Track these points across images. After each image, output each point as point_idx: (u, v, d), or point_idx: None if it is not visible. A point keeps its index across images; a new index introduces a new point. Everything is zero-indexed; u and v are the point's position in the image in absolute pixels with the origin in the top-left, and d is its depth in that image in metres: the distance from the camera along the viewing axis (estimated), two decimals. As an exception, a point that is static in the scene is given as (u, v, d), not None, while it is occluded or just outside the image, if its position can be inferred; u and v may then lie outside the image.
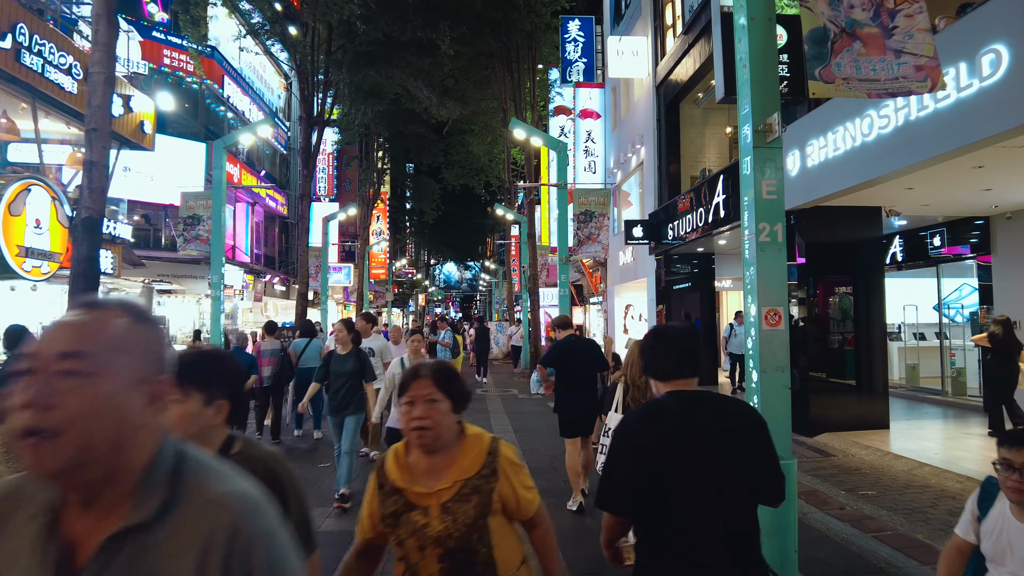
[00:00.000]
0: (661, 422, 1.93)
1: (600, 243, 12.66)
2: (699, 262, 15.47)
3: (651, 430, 1.93)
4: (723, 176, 11.44)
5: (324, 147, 29.25)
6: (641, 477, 1.87)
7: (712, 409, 1.98)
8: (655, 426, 1.93)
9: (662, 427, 1.92)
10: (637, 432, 1.96)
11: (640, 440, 1.92)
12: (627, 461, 1.92)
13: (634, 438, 1.94)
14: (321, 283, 21.57)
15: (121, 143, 13.39)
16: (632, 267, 18.33)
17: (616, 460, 1.96)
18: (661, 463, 1.86)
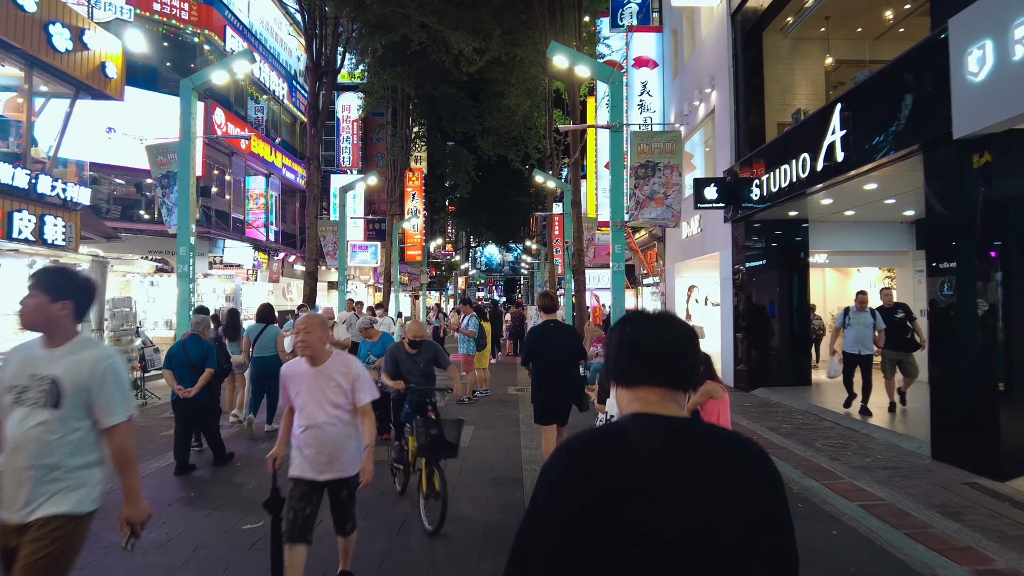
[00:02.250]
0: (615, 461, 1.22)
1: (669, 207, 9.69)
2: (784, 232, 12.32)
3: (597, 473, 1.21)
4: (840, 106, 8.32)
5: (347, 113, 26.76)
6: (567, 548, 1.18)
7: (700, 450, 1.25)
8: (605, 467, 1.22)
9: (615, 470, 1.21)
10: (575, 473, 1.22)
11: (577, 486, 1.20)
12: (549, 519, 1.21)
13: (570, 482, 1.21)
14: (339, 261, 19.15)
15: (77, 88, 11.01)
16: (698, 239, 15.25)
17: (535, 515, 1.24)
18: (603, 530, 1.17)
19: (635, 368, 1.38)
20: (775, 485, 1.28)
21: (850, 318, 9.26)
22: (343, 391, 3.57)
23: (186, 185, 10.18)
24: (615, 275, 9.69)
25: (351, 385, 3.58)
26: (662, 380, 1.35)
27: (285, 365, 3.71)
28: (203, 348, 6.83)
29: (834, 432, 8.40)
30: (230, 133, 18.10)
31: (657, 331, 1.39)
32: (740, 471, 1.26)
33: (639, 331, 1.40)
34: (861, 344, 9.07)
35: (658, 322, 1.41)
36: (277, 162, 22.27)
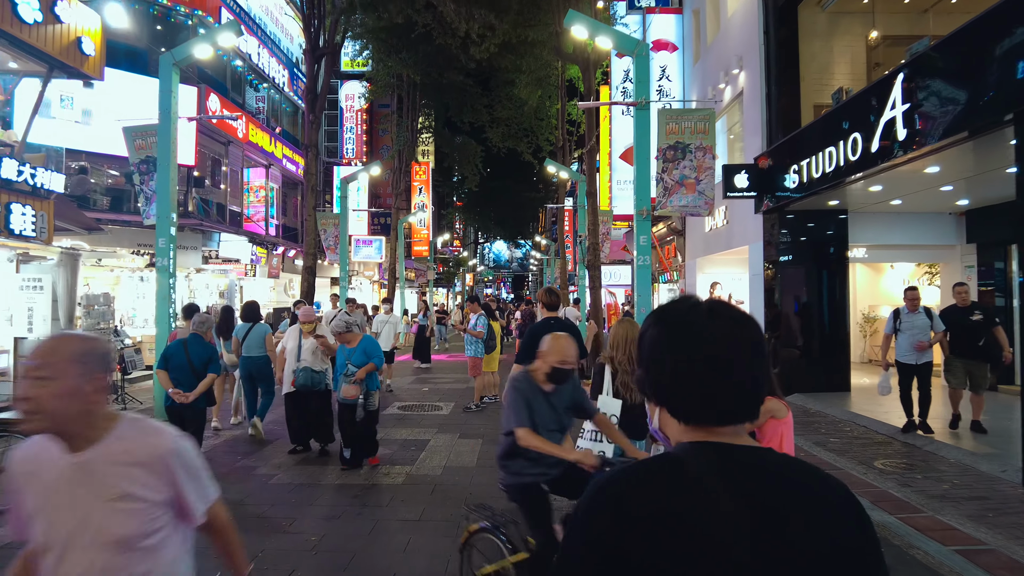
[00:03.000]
0: (673, 510, 0.93)
1: (701, 193, 8.65)
2: (820, 224, 11.27)
3: (650, 527, 0.92)
4: (903, 76, 7.27)
5: (351, 102, 25.82)
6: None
7: (780, 493, 0.96)
8: (661, 518, 0.92)
9: (674, 522, 0.92)
10: (621, 527, 0.93)
11: (626, 546, 0.92)
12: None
13: (614, 540, 0.93)
14: (340, 256, 18.20)
15: (50, 66, 10.09)
16: (723, 233, 14.21)
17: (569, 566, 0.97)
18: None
19: (702, 404, 1.00)
20: (869, 537, 0.97)
21: (901, 321, 7.93)
22: (141, 507, 1.68)
23: (167, 171, 9.27)
24: (640, 270, 8.71)
25: (165, 484, 1.72)
26: (739, 417, 1.01)
27: (17, 453, 1.75)
28: (206, 351, 6.24)
29: (892, 448, 7.37)
30: (225, 121, 17.18)
31: (727, 344, 0.99)
32: (828, 519, 0.95)
33: (704, 344, 0.99)
34: (912, 351, 7.79)
35: (725, 326, 1.01)
36: (277, 152, 21.35)
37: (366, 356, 6.23)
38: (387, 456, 6.98)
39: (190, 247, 15.87)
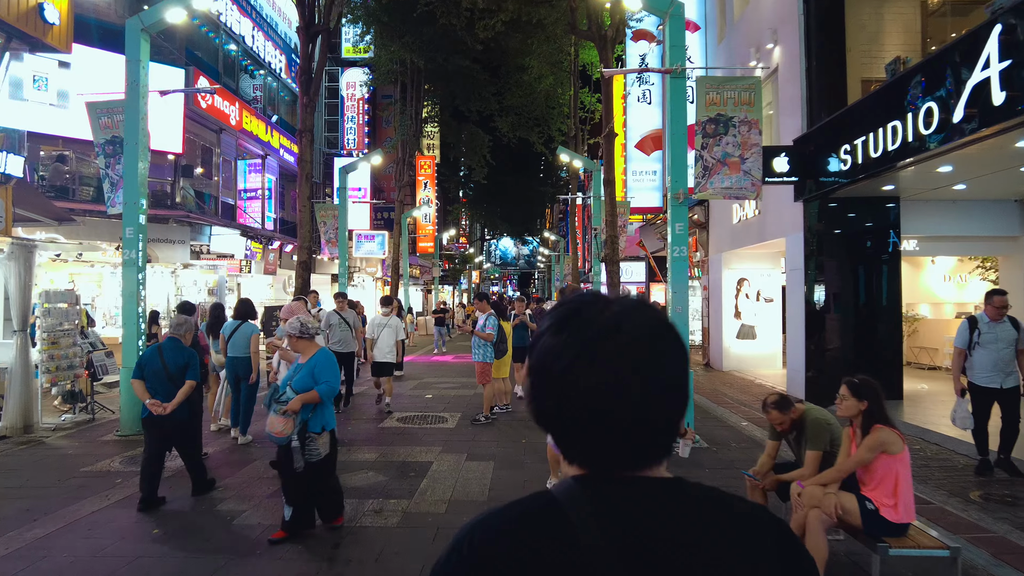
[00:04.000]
0: (547, 564, 0.73)
1: (747, 173, 7.48)
2: (869, 213, 10.07)
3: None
4: (1001, 27, 6.06)
5: (352, 91, 24.70)
6: None
7: (687, 542, 0.75)
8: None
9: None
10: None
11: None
12: None
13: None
14: (339, 251, 17.10)
15: (7, 35, 9.00)
16: (755, 224, 13.01)
17: None
18: None
19: (587, 442, 0.79)
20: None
21: (981, 333, 6.30)
22: None
23: (135, 151, 8.17)
24: (675, 263, 7.55)
25: None
26: (638, 461, 0.79)
27: None
28: (183, 356, 5.55)
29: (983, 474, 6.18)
30: (216, 106, 16.08)
31: (633, 368, 0.76)
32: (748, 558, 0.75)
33: (598, 369, 0.76)
34: (1001, 371, 6.14)
35: (634, 344, 0.77)
36: (274, 142, 20.25)
37: (312, 379, 4.36)
38: (380, 485, 5.84)
39: (177, 241, 14.80)
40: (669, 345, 0.79)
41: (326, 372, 4.36)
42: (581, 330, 0.78)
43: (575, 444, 0.80)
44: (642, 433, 0.77)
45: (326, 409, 4.46)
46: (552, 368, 0.78)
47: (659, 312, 0.82)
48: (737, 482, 5.55)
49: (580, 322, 0.79)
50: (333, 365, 4.46)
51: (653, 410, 0.76)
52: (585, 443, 0.79)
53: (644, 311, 0.81)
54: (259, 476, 6.16)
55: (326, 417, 4.44)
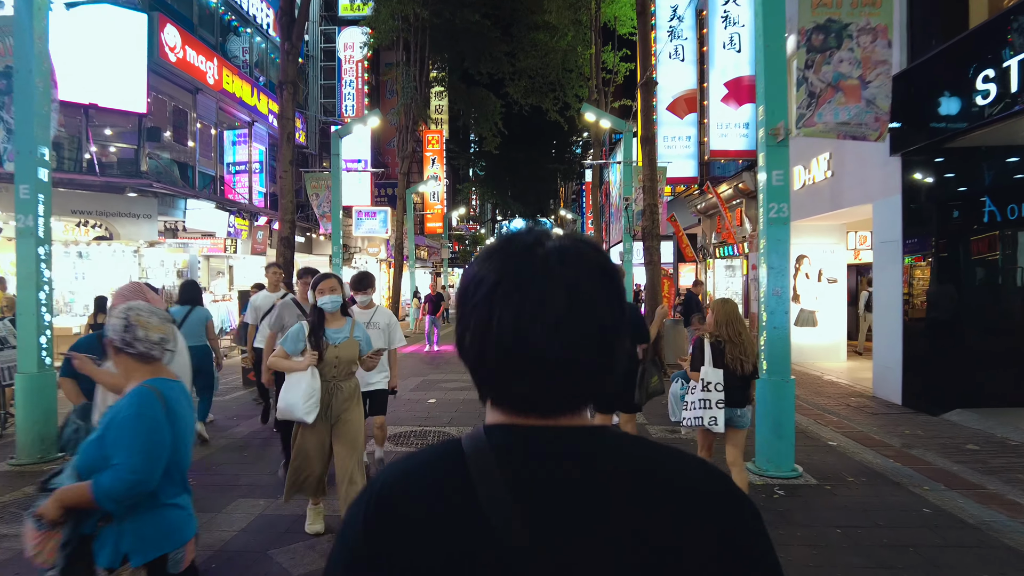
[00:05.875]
0: (439, 519, 0.71)
1: (869, 102, 5.29)
2: (989, 169, 7.86)
3: (408, 541, 0.71)
4: None
5: (351, 52, 22.47)
6: None
7: (601, 498, 0.71)
8: (421, 529, 0.71)
9: (437, 534, 0.71)
10: (374, 540, 0.73)
11: (377, 563, 0.72)
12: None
13: (367, 557, 0.73)
14: (333, 225, 15.03)
15: None
16: (825, 188, 10.79)
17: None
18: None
19: (502, 383, 0.75)
20: (743, 554, 0.71)
21: None
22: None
23: (30, 83, 6.07)
24: (773, 226, 5.39)
25: None
26: (556, 408, 0.75)
27: None
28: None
29: None
30: (188, 60, 13.96)
31: (552, 309, 0.71)
32: (678, 533, 0.69)
33: (514, 306, 0.72)
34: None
35: (556, 283, 0.72)
36: (261, 107, 18.11)
37: (100, 455, 1.92)
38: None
39: (142, 215, 12.76)
40: (599, 288, 0.73)
41: (126, 439, 1.89)
42: (506, 261, 0.74)
43: (488, 381, 0.77)
44: (557, 378, 0.72)
45: (146, 516, 1.96)
46: (471, 296, 0.75)
47: (598, 254, 0.76)
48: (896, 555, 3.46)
49: (507, 252, 0.75)
50: (150, 424, 1.93)
51: (569, 353, 0.71)
52: (498, 381, 0.75)
53: (582, 248, 0.76)
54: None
55: (143, 531, 1.96)
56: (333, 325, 4.03)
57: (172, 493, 2.05)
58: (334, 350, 3.94)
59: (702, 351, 4.33)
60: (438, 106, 35.08)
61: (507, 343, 0.71)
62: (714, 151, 14.09)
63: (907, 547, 3.96)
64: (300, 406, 3.78)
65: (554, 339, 0.70)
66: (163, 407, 1.96)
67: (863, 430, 7.13)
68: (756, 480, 5.35)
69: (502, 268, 0.74)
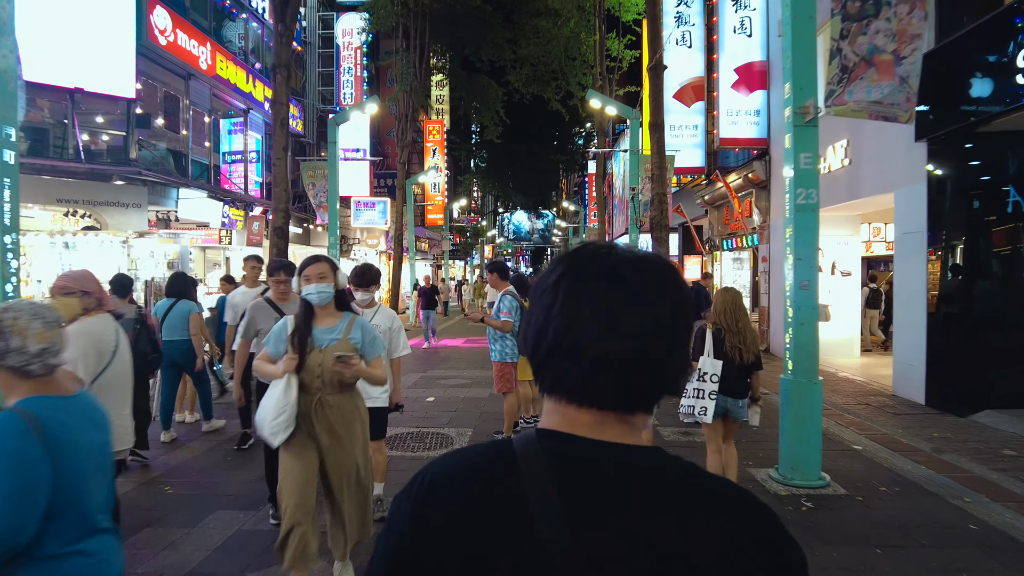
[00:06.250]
0: (488, 518, 0.72)
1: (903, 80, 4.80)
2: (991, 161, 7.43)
3: (454, 537, 0.72)
4: None
5: (349, 39, 21.96)
6: None
7: (647, 513, 0.71)
8: (467, 527, 0.72)
9: (487, 534, 0.71)
10: (418, 532, 0.74)
11: (420, 556, 0.74)
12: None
13: (410, 548, 0.74)
14: (329, 216, 14.59)
15: None
16: (844, 177, 10.33)
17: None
18: None
19: (560, 371, 0.76)
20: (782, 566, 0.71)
21: None
22: None
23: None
24: (801, 215, 5.00)
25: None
26: (607, 400, 0.76)
27: None
28: None
29: None
30: (179, 44, 13.48)
31: (619, 304, 0.74)
32: (718, 551, 0.69)
33: (584, 301, 0.75)
34: None
35: (625, 283, 0.76)
36: (257, 94, 17.62)
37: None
38: None
39: (131, 204, 12.32)
40: (662, 291, 0.76)
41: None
42: (574, 259, 0.79)
43: (543, 368, 0.78)
44: (610, 370, 0.74)
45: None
46: (538, 289, 0.79)
47: (667, 264, 0.80)
48: None
49: (577, 254, 0.80)
50: (12, 460, 1.49)
51: (624, 346, 0.73)
52: (552, 367, 0.76)
53: (651, 256, 0.80)
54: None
55: None
56: (324, 322, 3.15)
57: (70, 539, 1.59)
58: (319, 355, 3.05)
59: (703, 340, 4.35)
60: (439, 96, 34.54)
61: (562, 331, 0.74)
62: (724, 139, 13.60)
63: (961, 573, 3.53)
64: (267, 424, 2.99)
65: (610, 331, 0.72)
66: (37, 435, 1.52)
67: (888, 432, 6.71)
68: (780, 490, 4.93)
69: (569, 264, 0.78)
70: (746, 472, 5.34)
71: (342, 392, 3.16)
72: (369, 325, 3.32)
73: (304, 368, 3.04)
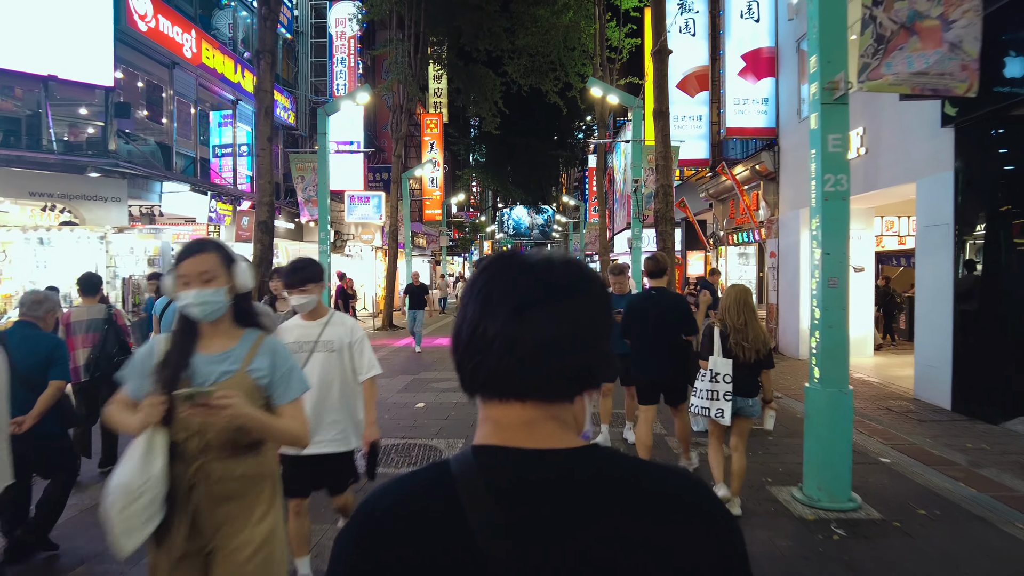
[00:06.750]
0: (427, 545, 0.71)
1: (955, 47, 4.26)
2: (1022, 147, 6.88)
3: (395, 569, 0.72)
4: None
5: (342, 28, 21.34)
6: None
7: (588, 521, 0.70)
8: (409, 557, 0.71)
9: (426, 562, 0.71)
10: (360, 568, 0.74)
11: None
12: None
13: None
14: (320, 211, 14.03)
15: None
16: (859, 168, 9.75)
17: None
18: None
19: (477, 362, 0.76)
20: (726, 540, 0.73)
21: None
22: None
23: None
24: (830, 204, 4.44)
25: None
26: (524, 391, 0.76)
27: None
28: (42, 347, 3.98)
29: None
30: (161, 30, 12.88)
31: (526, 291, 0.76)
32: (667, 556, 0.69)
33: (490, 291, 0.77)
34: None
35: (533, 274, 0.78)
36: (247, 85, 16.99)
37: None
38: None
39: (110, 198, 11.76)
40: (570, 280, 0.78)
41: None
42: (491, 263, 0.81)
43: (464, 367, 0.78)
44: (524, 355, 0.74)
45: None
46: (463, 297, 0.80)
47: (576, 261, 0.82)
48: None
49: (495, 258, 0.82)
50: None
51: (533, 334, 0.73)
52: (469, 362, 0.77)
53: (560, 254, 0.82)
54: None
55: None
56: (212, 346, 2.05)
57: None
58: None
59: (711, 339, 4.25)
60: (437, 89, 33.93)
61: (475, 323, 0.75)
62: (730, 128, 13.02)
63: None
64: (115, 515, 1.82)
65: (516, 317, 0.74)
66: None
67: (916, 442, 6.16)
68: (807, 513, 4.38)
69: (484, 266, 0.81)
70: (767, 491, 4.80)
71: (237, 458, 1.99)
72: (284, 350, 2.15)
73: (175, 420, 1.90)
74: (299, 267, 3.18)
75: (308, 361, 3.12)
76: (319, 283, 3.19)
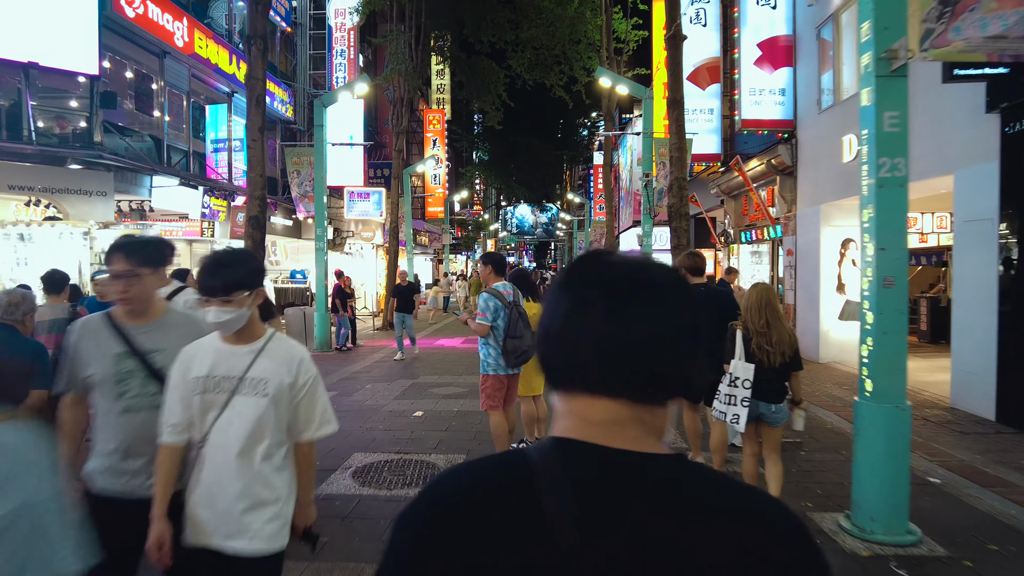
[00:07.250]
0: (500, 533, 0.69)
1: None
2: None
3: (467, 554, 0.69)
4: None
5: (341, 19, 20.76)
6: None
7: (671, 523, 0.68)
8: (482, 543, 0.69)
9: (500, 549, 0.69)
10: (429, 548, 0.71)
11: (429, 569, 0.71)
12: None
13: (419, 562, 0.71)
14: (316, 206, 13.52)
15: None
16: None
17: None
18: None
19: (564, 361, 0.77)
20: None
21: None
22: None
23: None
24: (884, 192, 3.86)
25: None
26: (616, 388, 0.75)
27: None
28: (22, 351, 3.48)
29: None
30: (149, 17, 12.33)
31: (624, 294, 0.75)
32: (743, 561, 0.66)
33: (585, 287, 0.77)
34: None
35: (627, 273, 0.77)
36: (242, 76, 16.45)
37: None
38: None
39: (96, 192, 11.22)
40: (661, 273, 0.78)
41: None
42: (574, 267, 0.81)
43: (570, 368, 0.76)
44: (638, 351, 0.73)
45: None
46: (552, 292, 0.79)
47: (668, 267, 0.79)
48: None
49: (579, 261, 0.82)
50: None
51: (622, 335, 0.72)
52: (577, 363, 0.75)
53: (651, 260, 0.80)
54: None
55: None
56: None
57: None
58: None
59: (733, 342, 4.09)
60: (440, 85, 33.34)
61: (568, 317, 0.75)
62: (746, 120, 12.42)
63: None
64: None
65: (612, 318, 0.73)
66: None
67: (964, 459, 5.57)
68: (859, 548, 3.79)
69: (574, 265, 0.80)
70: (809, 520, 4.21)
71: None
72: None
73: None
74: (221, 263, 2.03)
75: (226, 407, 2.02)
76: (254, 290, 2.05)
